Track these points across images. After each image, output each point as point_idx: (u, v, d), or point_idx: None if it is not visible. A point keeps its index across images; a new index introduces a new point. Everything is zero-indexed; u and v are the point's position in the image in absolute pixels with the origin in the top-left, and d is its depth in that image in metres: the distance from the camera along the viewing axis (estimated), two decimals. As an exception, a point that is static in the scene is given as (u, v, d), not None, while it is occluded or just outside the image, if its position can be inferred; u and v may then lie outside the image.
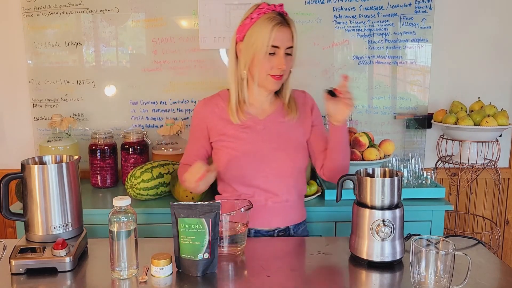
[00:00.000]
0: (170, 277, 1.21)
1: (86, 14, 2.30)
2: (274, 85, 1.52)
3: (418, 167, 2.09)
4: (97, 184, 2.23)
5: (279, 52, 1.46)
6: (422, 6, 2.31)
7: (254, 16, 1.47)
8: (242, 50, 1.51)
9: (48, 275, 1.22)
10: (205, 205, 1.21)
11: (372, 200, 1.27)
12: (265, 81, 1.51)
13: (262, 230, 1.59)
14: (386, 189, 1.26)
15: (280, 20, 1.45)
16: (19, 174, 1.30)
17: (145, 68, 2.35)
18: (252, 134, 1.55)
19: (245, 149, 1.54)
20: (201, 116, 1.61)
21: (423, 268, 1.09)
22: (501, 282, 1.22)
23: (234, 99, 1.55)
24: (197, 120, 1.62)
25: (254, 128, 1.56)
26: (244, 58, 1.51)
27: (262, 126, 1.57)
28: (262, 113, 1.59)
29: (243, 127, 1.56)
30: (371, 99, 2.40)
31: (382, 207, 1.26)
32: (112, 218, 1.19)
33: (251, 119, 1.57)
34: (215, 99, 1.62)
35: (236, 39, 1.54)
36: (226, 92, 1.63)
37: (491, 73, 2.41)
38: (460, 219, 2.50)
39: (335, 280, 1.23)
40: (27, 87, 2.37)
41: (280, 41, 1.45)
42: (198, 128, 1.62)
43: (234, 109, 1.55)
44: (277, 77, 1.49)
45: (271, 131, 1.57)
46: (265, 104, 1.60)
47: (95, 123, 2.39)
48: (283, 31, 1.45)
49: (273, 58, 1.47)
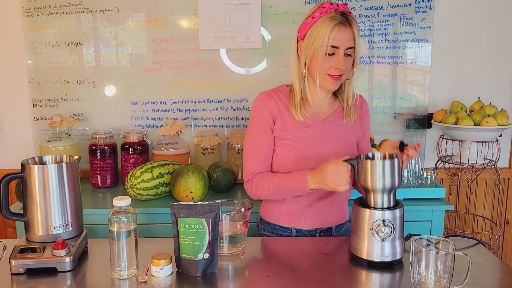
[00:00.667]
0: (170, 277, 1.21)
1: (86, 14, 2.30)
2: (332, 85, 1.50)
3: (418, 167, 2.09)
4: (97, 184, 2.23)
5: (339, 52, 1.44)
6: (422, 6, 2.31)
7: (316, 15, 1.45)
8: (302, 49, 1.49)
9: (48, 275, 1.22)
10: (205, 205, 1.21)
11: (373, 182, 1.27)
12: (323, 80, 1.49)
13: (304, 230, 1.58)
14: (386, 171, 1.26)
15: (341, 20, 1.42)
16: (19, 174, 1.30)
17: (145, 68, 2.35)
18: (312, 134, 1.54)
19: (304, 148, 1.52)
20: (268, 108, 1.54)
21: (423, 268, 1.09)
22: (501, 282, 1.22)
23: (298, 96, 1.53)
24: (264, 109, 1.53)
25: (314, 128, 1.54)
26: (304, 56, 1.49)
27: (321, 127, 1.55)
28: (322, 113, 1.58)
29: (304, 126, 1.54)
30: (371, 99, 2.40)
31: (383, 190, 1.26)
32: (112, 218, 1.19)
33: (312, 118, 1.55)
34: (276, 93, 1.58)
35: (297, 38, 1.52)
36: (285, 88, 1.59)
37: (491, 73, 2.41)
38: (460, 219, 2.50)
39: (335, 280, 1.23)
40: (27, 87, 2.37)
41: (339, 41, 1.43)
42: (264, 122, 1.53)
43: (299, 105, 1.53)
44: (335, 77, 1.47)
45: (329, 133, 1.55)
46: (323, 104, 1.58)
47: (95, 123, 2.39)
48: (344, 31, 1.43)
49: (332, 58, 1.45)
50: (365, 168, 1.28)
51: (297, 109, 1.52)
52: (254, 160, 1.55)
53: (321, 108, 1.58)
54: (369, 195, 1.29)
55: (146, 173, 1.98)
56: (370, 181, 1.27)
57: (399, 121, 2.42)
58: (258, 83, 2.31)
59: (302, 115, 1.52)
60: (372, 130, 2.36)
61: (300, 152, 1.52)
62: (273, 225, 1.59)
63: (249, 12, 2.28)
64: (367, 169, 1.28)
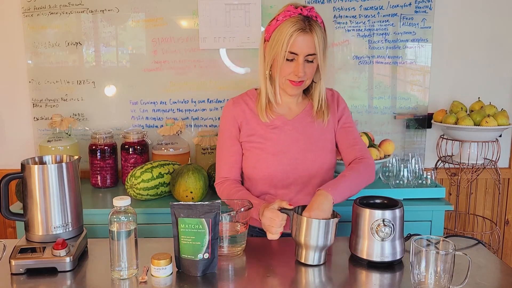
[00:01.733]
0: (170, 277, 1.21)
1: (86, 14, 2.30)
2: (293, 90, 1.50)
3: (418, 167, 2.09)
4: (97, 184, 2.23)
5: (298, 58, 1.43)
6: (422, 6, 2.31)
7: (280, 18, 1.43)
8: (267, 51, 1.49)
9: (48, 275, 1.22)
10: (205, 205, 1.21)
11: (307, 240, 1.24)
12: (284, 85, 1.49)
13: (285, 232, 1.58)
14: (320, 231, 1.23)
15: (302, 26, 1.39)
16: (19, 174, 1.30)
17: (145, 68, 2.35)
18: (281, 135, 1.54)
19: (274, 150, 1.52)
20: (233, 115, 1.57)
21: (423, 268, 1.09)
22: (501, 282, 1.22)
23: (264, 97, 1.53)
24: (229, 119, 1.57)
25: (282, 129, 1.54)
26: (267, 58, 1.49)
27: (291, 127, 1.55)
28: (290, 113, 1.57)
29: (271, 127, 1.54)
30: (371, 99, 2.40)
31: (315, 247, 1.24)
32: (112, 218, 1.19)
33: (280, 119, 1.55)
34: (244, 98, 1.59)
35: (264, 38, 1.51)
36: (254, 91, 1.61)
37: (491, 73, 2.41)
38: (460, 219, 2.50)
39: (335, 280, 1.23)
40: (27, 87, 2.37)
41: (298, 48, 1.41)
42: (232, 129, 1.57)
43: (264, 107, 1.53)
44: (295, 83, 1.47)
45: (299, 132, 1.55)
46: (291, 104, 1.58)
47: (95, 123, 2.39)
48: (304, 38, 1.40)
49: (292, 64, 1.44)
50: (299, 223, 1.26)
51: (262, 111, 1.53)
52: (223, 165, 1.59)
53: (289, 108, 1.58)
54: (301, 249, 1.27)
55: (146, 173, 1.98)
56: (303, 237, 1.25)
57: (399, 121, 2.42)
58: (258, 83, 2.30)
59: (268, 116, 1.53)
60: (372, 130, 2.36)
61: (270, 153, 1.52)
62: (252, 227, 1.58)
63: (249, 12, 2.28)
64: (301, 225, 1.25)
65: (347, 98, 2.37)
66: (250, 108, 1.57)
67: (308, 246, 1.25)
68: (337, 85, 2.37)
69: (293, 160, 1.52)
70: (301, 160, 1.53)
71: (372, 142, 2.03)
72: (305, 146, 1.54)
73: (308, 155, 1.53)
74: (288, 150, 1.53)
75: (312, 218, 1.25)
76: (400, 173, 2.05)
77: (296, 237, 1.26)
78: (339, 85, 2.38)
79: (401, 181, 2.05)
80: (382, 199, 1.35)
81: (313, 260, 1.26)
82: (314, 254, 1.26)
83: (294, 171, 1.53)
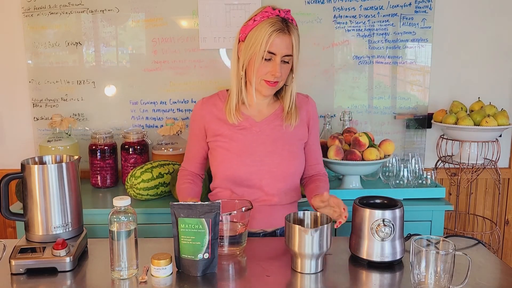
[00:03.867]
0: (170, 277, 1.21)
1: (86, 14, 2.30)
2: (268, 90, 1.52)
3: (418, 167, 2.09)
4: (97, 184, 2.23)
5: (275, 58, 1.45)
6: (422, 6, 2.31)
7: (257, 19, 1.46)
8: (242, 51, 1.50)
9: (48, 275, 1.23)
10: (205, 205, 1.21)
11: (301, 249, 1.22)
12: (259, 85, 1.51)
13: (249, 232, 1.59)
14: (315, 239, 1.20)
15: (281, 26, 1.43)
16: (19, 174, 1.30)
17: (145, 68, 2.35)
18: (248, 136, 1.55)
19: (239, 150, 1.54)
20: (199, 116, 1.61)
21: (423, 268, 1.09)
22: (501, 282, 1.22)
23: (234, 98, 1.55)
24: (196, 120, 1.63)
25: (250, 130, 1.56)
26: (242, 59, 1.50)
27: (258, 129, 1.56)
28: (259, 115, 1.59)
29: (239, 128, 1.56)
30: (371, 99, 2.40)
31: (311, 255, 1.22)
32: (112, 218, 1.19)
33: (248, 120, 1.57)
34: (213, 99, 1.62)
35: (239, 39, 1.53)
36: (224, 93, 1.63)
37: (491, 73, 2.41)
38: (460, 219, 2.50)
39: (335, 280, 1.23)
40: (27, 87, 2.37)
41: (277, 48, 1.44)
42: (196, 128, 1.63)
43: (233, 108, 1.55)
44: (271, 83, 1.49)
45: (267, 134, 1.56)
46: (262, 106, 1.60)
47: (95, 123, 2.39)
48: (282, 38, 1.43)
49: (269, 64, 1.46)
50: (292, 232, 1.23)
51: (231, 113, 1.55)
52: (185, 158, 1.72)
53: (259, 109, 1.59)
54: (296, 259, 1.26)
55: (146, 173, 1.98)
56: (297, 247, 1.22)
57: (399, 121, 2.42)
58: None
59: (236, 118, 1.55)
60: (372, 130, 2.36)
61: (236, 153, 1.54)
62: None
63: (249, 12, 2.28)
64: (294, 234, 1.22)
65: (347, 98, 2.39)
66: (219, 109, 1.59)
67: (303, 255, 1.23)
68: (337, 85, 2.38)
69: (257, 162, 1.53)
70: (266, 162, 1.54)
71: (372, 142, 2.03)
72: (271, 148, 1.55)
73: (274, 157, 1.55)
74: (254, 152, 1.54)
75: (304, 227, 1.23)
76: (400, 173, 2.05)
77: (290, 247, 1.25)
78: (339, 85, 2.38)
79: (401, 181, 2.05)
80: (382, 199, 1.35)
81: (310, 269, 1.24)
82: (310, 262, 1.24)
83: (258, 172, 1.54)
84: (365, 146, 1.99)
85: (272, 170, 1.54)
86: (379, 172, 2.16)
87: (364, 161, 1.96)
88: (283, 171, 1.56)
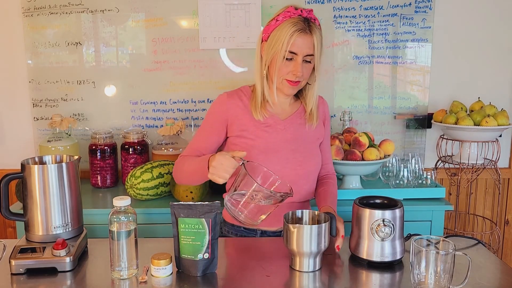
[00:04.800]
0: (170, 277, 1.21)
1: (86, 14, 2.30)
2: (290, 89, 1.52)
3: (418, 167, 2.09)
4: (97, 184, 2.23)
5: (297, 58, 1.45)
6: (422, 6, 2.31)
7: (280, 19, 1.46)
8: (264, 50, 1.51)
9: (48, 275, 1.22)
10: (205, 205, 1.21)
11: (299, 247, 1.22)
12: (281, 84, 1.51)
13: (269, 231, 1.59)
14: (313, 237, 1.21)
15: (303, 26, 1.43)
16: (19, 174, 1.30)
17: (145, 68, 2.35)
18: (273, 133, 1.55)
19: (265, 147, 1.53)
20: (224, 107, 1.56)
21: (423, 268, 1.09)
22: (501, 282, 1.22)
23: (259, 95, 1.54)
24: (217, 113, 1.57)
25: (275, 128, 1.56)
26: (265, 58, 1.51)
27: (283, 127, 1.57)
28: (282, 113, 1.59)
29: (264, 125, 1.55)
30: (371, 99, 2.40)
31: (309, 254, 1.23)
32: (112, 218, 1.19)
33: (273, 118, 1.56)
34: (238, 94, 1.59)
35: (262, 38, 1.53)
36: (247, 88, 1.61)
37: (491, 73, 2.41)
38: (460, 219, 2.50)
39: (335, 280, 1.23)
40: (27, 87, 2.37)
41: (298, 47, 1.44)
42: (216, 120, 1.57)
43: (259, 105, 1.54)
44: (292, 83, 1.49)
45: (290, 132, 1.57)
46: (284, 105, 1.60)
47: (95, 123, 2.39)
48: (303, 38, 1.43)
49: (290, 63, 1.46)
50: (290, 231, 1.23)
51: (257, 109, 1.54)
52: (189, 149, 1.59)
53: (282, 108, 1.60)
54: (294, 257, 1.26)
55: (146, 173, 1.98)
56: (295, 245, 1.23)
57: (399, 121, 2.42)
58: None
59: (261, 115, 1.54)
60: (372, 130, 2.37)
61: (261, 150, 1.53)
62: (237, 227, 1.60)
63: (249, 12, 2.28)
64: (292, 232, 1.23)
65: (347, 98, 2.40)
66: (244, 104, 1.57)
67: (302, 254, 1.23)
68: (337, 85, 2.38)
69: (282, 160, 1.53)
70: (290, 160, 1.54)
71: (372, 142, 2.03)
72: (294, 147, 1.56)
73: (297, 156, 1.55)
74: (279, 149, 1.54)
75: (302, 225, 1.23)
76: (400, 173, 2.05)
77: (288, 245, 1.25)
78: (339, 85, 2.38)
79: (401, 181, 2.05)
80: (382, 199, 1.35)
81: (308, 267, 1.25)
82: (309, 261, 1.25)
83: (282, 170, 1.53)
84: (365, 146, 1.99)
85: (296, 168, 1.55)
86: (379, 172, 2.16)
87: (364, 161, 1.96)
88: (305, 170, 1.57)
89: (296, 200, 1.58)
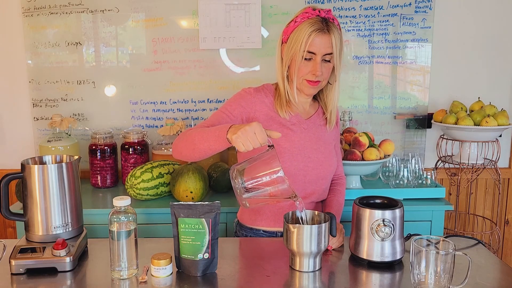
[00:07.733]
0: (170, 277, 1.21)
1: (86, 14, 2.30)
2: (310, 89, 1.52)
3: (418, 167, 2.09)
4: (97, 184, 2.23)
5: (316, 58, 1.46)
6: (422, 6, 2.31)
7: (298, 20, 1.47)
8: (285, 52, 1.51)
9: (48, 275, 1.22)
10: (205, 205, 1.21)
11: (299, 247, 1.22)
12: (301, 85, 1.51)
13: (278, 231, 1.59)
14: (313, 237, 1.21)
15: (321, 26, 1.43)
16: (19, 174, 1.30)
17: (145, 68, 2.35)
18: (297, 132, 1.56)
19: (290, 146, 1.53)
20: (251, 100, 1.54)
21: (423, 268, 1.09)
22: (501, 282, 1.22)
23: (284, 95, 1.55)
24: (243, 101, 1.53)
25: (299, 126, 1.57)
26: (285, 59, 1.51)
27: (306, 126, 1.58)
28: (304, 113, 1.61)
29: (290, 123, 1.56)
30: (371, 99, 2.40)
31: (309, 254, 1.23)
32: (112, 218, 1.19)
33: (297, 117, 1.58)
34: (264, 90, 1.58)
35: (281, 40, 1.54)
36: (270, 87, 1.61)
37: (491, 73, 2.41)
38: (460, 219, 2.50)
39: (335, 280, 1.23)
40: (27, 87, 2.37)
41: (316, 47, 1.44)
42: (239, 106, 1.52)
43: (284, 104, 1.55)
44: (312, 83, 1.49)
45: (312, 132, 1.58)
46: (305, 105, 1.61)
47: (95, 123, 2.39)
48: (322, 38, 1.44)
49: (309, 63, 1.47)
50: (290, 231, 1.23)
51: (282, 107, 1.54)
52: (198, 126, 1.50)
53: (304, 108, 1.61)
54: (294, 257, 1.26)
55: (146, 173, 1.98)
56: (295, 245, 1.23)
57: (399, 121, 2.42)
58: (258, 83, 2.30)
59: (287, 113, 1.55)
60: (372, 130, 2.37)
61: (286, 148, 1.52)
62: (256, 230, 1.60)
63: (249, 12, 2.28)
64: (292, 232, 1.22)
65: (347, 98, 2.40)
66: (270, 101, 1.57)
67: (302, 254, 1.23)
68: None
69: (305, 158, 1.54)
70: (312, 159, 1.55)
71: (372, 142, 2.03)
72: (316, 146, 1.57)
73: (319, 155, 1.57)
74: (303, 148, 1.55)
75: (302, 225, 1.23)
76: (400, 173, 2.06)
77: (288, 245, 1.25)
78: (339, 85, 2.38)
79: (401, 181, 2.05)
80: (382, 199, 1.35)
81: (308, 267, 1.25)
82: (309, 261, 1.25)
83: (305, 169, 1.54)
84: (365, 146, 1.99)
85: (318, 168, 1.56)
86: (379, 172, 2.16)
87: (364, 161, 1.96)
88: (326, 170, 1.58)
89: (314, 199, 1.59)
